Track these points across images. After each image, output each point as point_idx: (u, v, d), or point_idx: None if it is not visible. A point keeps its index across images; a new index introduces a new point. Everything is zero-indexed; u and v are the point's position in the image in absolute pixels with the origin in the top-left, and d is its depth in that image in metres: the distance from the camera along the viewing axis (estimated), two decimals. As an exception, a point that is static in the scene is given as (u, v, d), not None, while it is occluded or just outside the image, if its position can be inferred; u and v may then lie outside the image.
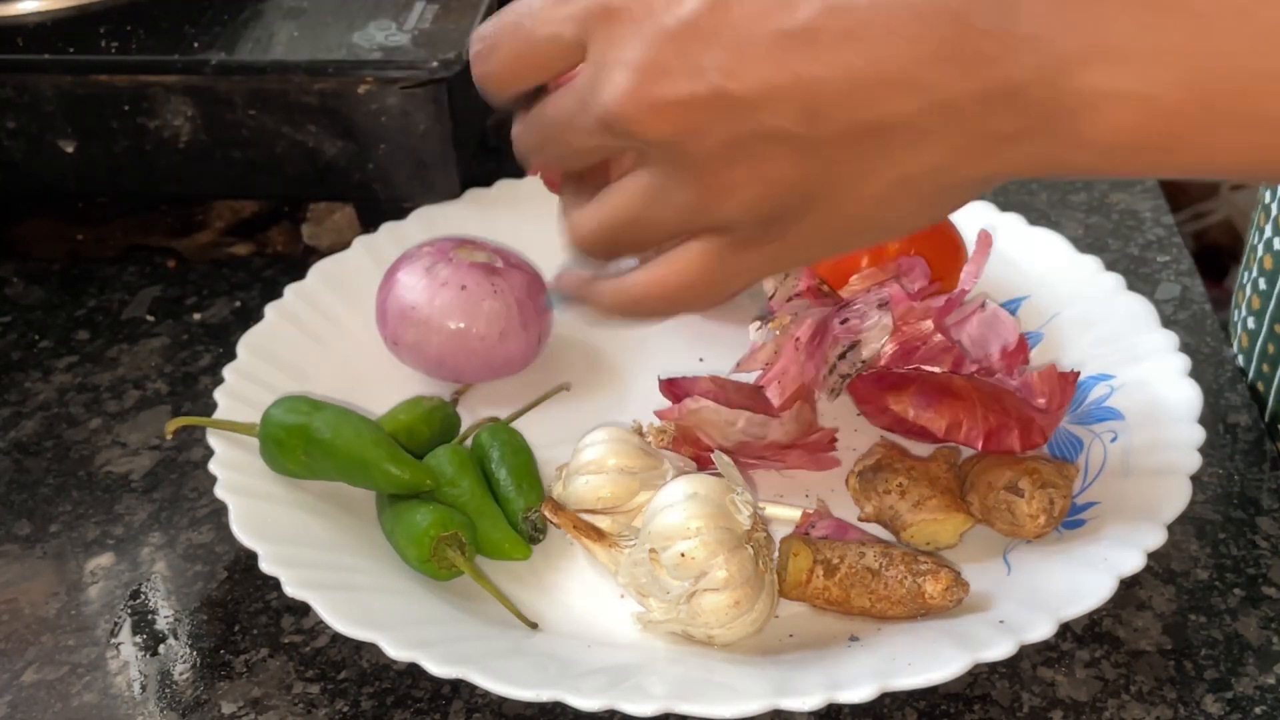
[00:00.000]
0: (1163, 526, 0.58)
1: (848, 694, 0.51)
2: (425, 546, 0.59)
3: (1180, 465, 0.60)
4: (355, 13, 0.80)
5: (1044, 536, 0.60)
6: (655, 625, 0.57)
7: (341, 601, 0.56)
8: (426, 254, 0.70)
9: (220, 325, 0.79)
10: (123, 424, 0.72)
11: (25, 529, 0.66)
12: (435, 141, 0.77)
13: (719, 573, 0.55)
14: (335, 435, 0.62)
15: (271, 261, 0.84)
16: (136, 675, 0.59)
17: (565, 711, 0.55)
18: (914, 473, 0.61)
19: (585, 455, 0.62)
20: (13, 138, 0.79)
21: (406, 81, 0.76)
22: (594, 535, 0.60)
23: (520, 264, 0.72)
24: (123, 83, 0.77)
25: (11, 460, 0.70)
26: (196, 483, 0.68)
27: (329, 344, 0.72)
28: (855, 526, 0.61)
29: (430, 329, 0.69)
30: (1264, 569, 0.62)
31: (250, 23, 0.80)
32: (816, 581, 0.57)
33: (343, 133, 0.77)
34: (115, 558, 0.65)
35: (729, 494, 0.57)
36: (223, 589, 0.63)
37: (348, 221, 0.86)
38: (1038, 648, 0.58)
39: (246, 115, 0.77)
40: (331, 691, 0.58)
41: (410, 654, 0.53)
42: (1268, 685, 0.57)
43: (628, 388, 0.71)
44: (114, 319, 0.80)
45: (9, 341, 0.79)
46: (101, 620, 0.61)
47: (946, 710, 0.56)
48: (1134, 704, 0.56)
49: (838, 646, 0.56)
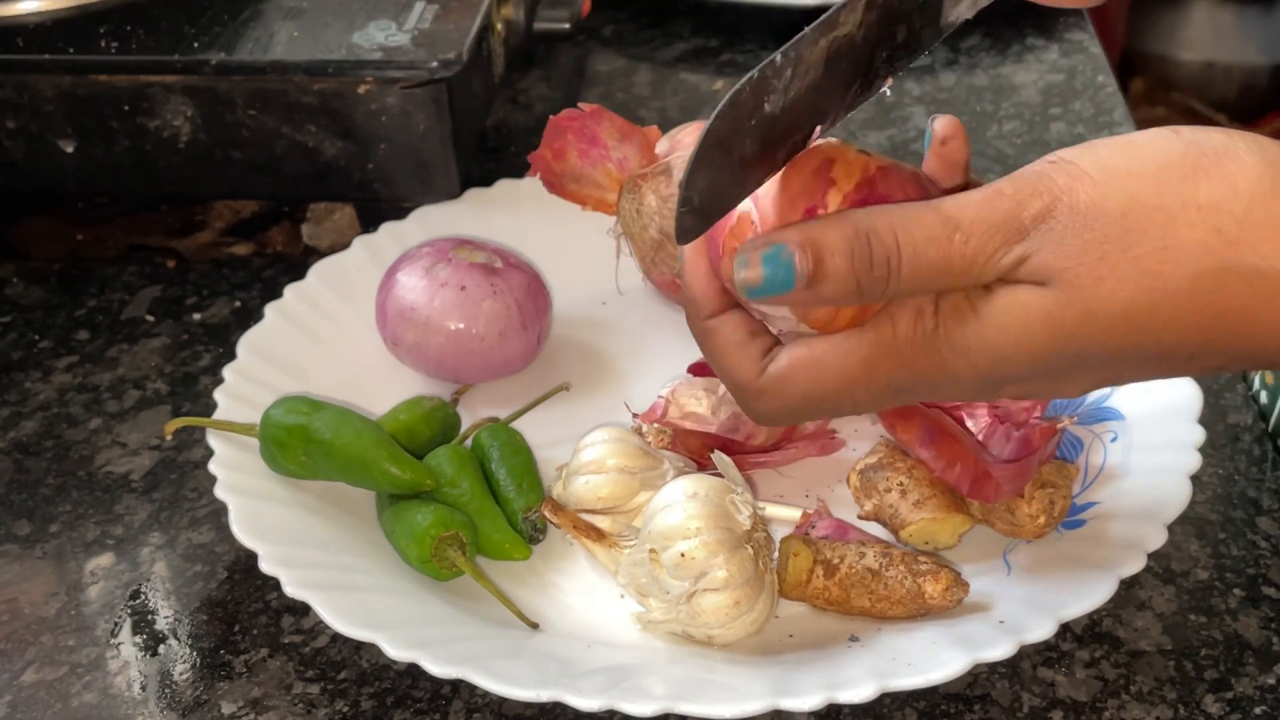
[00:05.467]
0: (1163, 526, 0.58)
1: (848, 694, 0.51)
2: (426, 546, 0.59)
3: (1180, 465, 0.60)
4: (355, 13, 0.80)
5: (1044, 536, 0.60)
6: (655, 625, 0.57)
7: (341, 601, 0.56)
8: (426, 254, 0.70)
9: (220, 325, 0.79)
10: (123, 424, 0.72)
11: (25, 529, 0.66)
12: (435, 141, 0.77)
13: (719, 573, 0.55)
14: (335, 435, 0.62)
15: (271, 261, 0.84)
16: (136, 675, 0.59)
17: (565, 711, 0.55)
18: (915, 473, 0.61)
19: (585, 455, 0.62)
20: (13, 138, 0.79)
21: (406, 81, 0.76)
22: (594, 535, 0.60)
23: (520, 264, 0.72)
24: (123, 83, 0.77)
25: (11, 460, 0.70)
26: (196, 483, 0.68)
27: (329, 344, 0.72)
28: (855, 527, 0.61)
29: (430, 329, 0.69)
30: (1264, 569, 0.62)
31: (250, 23, 0.80)
32: (816, 581, 0.57)
33: (343, 133, 0.77)
34: (115, 558, 0.65)
35: (729, 494, 0.57)
36: (223, 589, 0.63)
37: (348, 221, 0.86)
38: (1038, 648, 0.58)
39: (246, 115, 0.77)
40: (331, 691, 0.58)
41: (410, 654, 0.53)
42: (1268, 685, 0.57)
43: (628, 388, 0.71)
44: (114, 319, 0.80)
45: (9, 341, 0.79)
46: (101, 620, 0.61)
47: (946, 710, 0.56)
48: (1134, 704, 0.56)
49: (838, 646, 0.56)
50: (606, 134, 0.73)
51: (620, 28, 1.09)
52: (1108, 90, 0.99)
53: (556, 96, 1.01)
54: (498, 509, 0.63)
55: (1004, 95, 0.99)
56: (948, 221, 0.45)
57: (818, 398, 0.49)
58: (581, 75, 1.04)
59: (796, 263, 0.46)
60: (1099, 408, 0.66)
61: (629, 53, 1.06)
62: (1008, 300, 0.46)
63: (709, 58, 1.05)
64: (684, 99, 1.00)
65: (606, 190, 0.74)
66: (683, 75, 1.03)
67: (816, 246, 0.46)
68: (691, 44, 1.07)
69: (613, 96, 1.00)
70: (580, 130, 0.73)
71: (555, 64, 1.05)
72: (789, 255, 0.46)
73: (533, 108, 0.99)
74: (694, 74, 1.03)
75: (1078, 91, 0.99)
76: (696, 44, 1.06)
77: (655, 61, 1.05)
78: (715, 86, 1.01)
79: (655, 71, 1.04)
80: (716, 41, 1.06)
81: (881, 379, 0.48)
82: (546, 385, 0.71)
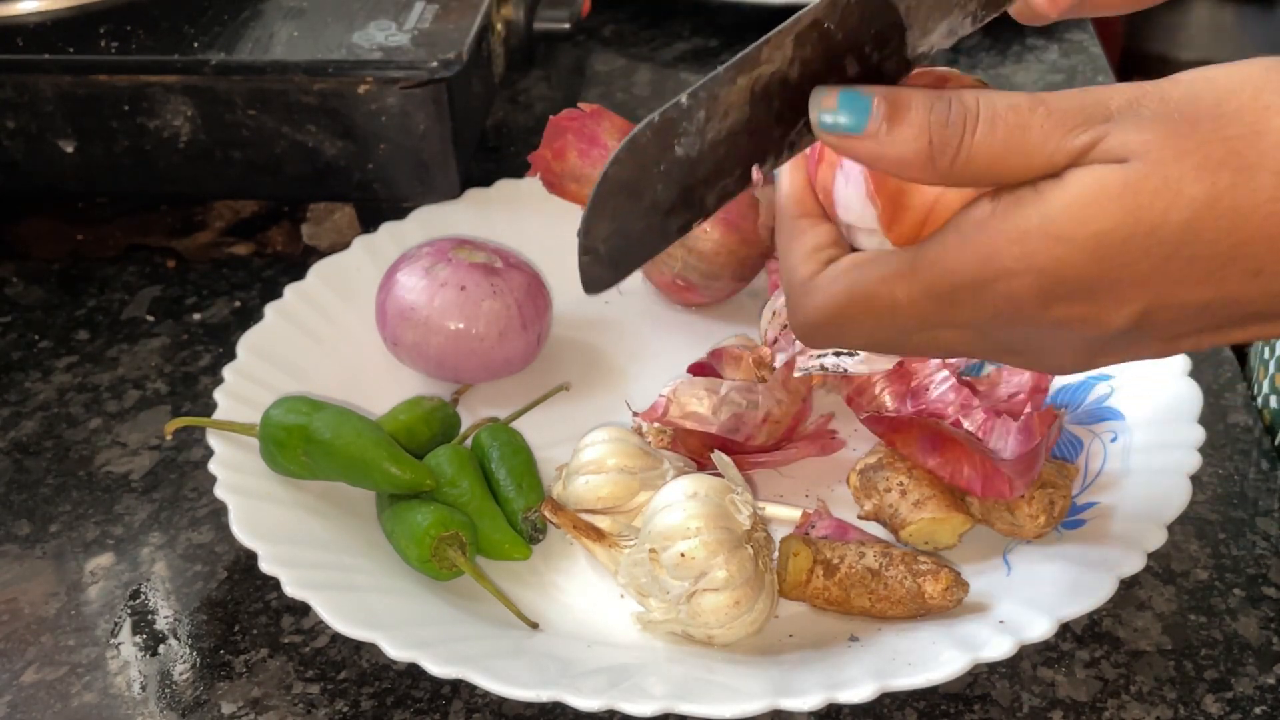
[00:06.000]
0: (1163, 526, 0.58)
1: (848, 694, 0.51)
2: (426, 546, 0.59)
3: (1180, 465, 0.60)
4: (355, 13, 0.80)
5: (1044, 536, 0.60)
6: (655, 625, 0.57)
7: (341, 601, 0.56)
8: (426, 254, 0.70)
9: (220, 325, 0.79)
10: (123, 424, 0.72)
11: (25, 529, 0.66)
12: (435, 141, 0.77)
13: (719, 573, 0.55)
14: (335, 435, 0.62)
15: (271, 261, 0.84)
16: (136, 675, 0.59)
17: (565, 711, 0.55)
18: (915, 473, 0.61)
19: (585, 455, 0.62)
20: (13, 138, 0.79)
21: (406, 81, 0.76)
22: (594, 535, 0.60)
23: (520, 264, 0.72)
24: (123, 83, 0.77)
25: (11, 460, 0.70)
26: (196, 483, 0.68)
27: (329, 344, 0.72)
28: (855, 527, 0.61)
29: (430, 329, 0.69)
30: (1264, 569, 0.62)
31: (250, 23, 0.80)
32: (816, 581, 0.57)
33: (343, 133, 0.77)
34: (115, 558, 0.65)
35: (729, 494, 0.57)
36: (223, 589, 0.63)
37: (348, 221, 0.86)
38: (1038, 648, 0.58)
39: (246, 115, 0.77)
40: (331, 691, 0.58)
41: (410, 654, 0.53)
42: (1268, 685, 0.57)
43: (628, 388, 0.71)
44: (114, 319, 0.80)
45: (9, 341, 0.79)
46: (101, 620, 0.61)
47: (946, 710, 0.56)
48: (1134, 704, 0.56)
49: (838, 646, 0.56)
50: (606, 134, 0.73)
51: (620, 28, 1.09)
52: (1108, 90, 0.99)
53: (556, 96, 1.01)
54: (498, 509, 0.63)
55: (1004, 95, 0.98)
56: (1033, 97, 0.43)
57: (863, 299, 0.46)
58: (581, 75, 1.04)
59: (874, 104, 0.43)
60: (1099, 407, 0.66)
61: (629, 53, 1.06)
62: (1078, 177, 0.42)
63: (709, 58, 1.05)
64: (684, 99, 1.00)
65: (606, 190, 0.74)
66: (683, 75, 1.03)
67: (896, 95, 0.43)
68: (691, 44, 1.07)
69: (613, 96, 1.00)
70: (580, 130, 0.73)
71: (555, 64, 1.05)
72: (868, 94, 0.44)
73: (533, 108, 0.99)
74: (694, 74, 1.03)
75: (1078, 91, 0.99)
76: (696, 44, 1.07)
77: (655, 61, 1.05)
78: (715, 86, 1.01)
79: (655, 71, 1.04)
80: (716, 41, 1.06)
81: (926, 281, 0.44)
82: (546, 385, 0.71)
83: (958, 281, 0.44)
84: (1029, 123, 0.42)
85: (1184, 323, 0.44)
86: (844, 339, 0.48)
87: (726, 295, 0.76)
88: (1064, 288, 0.43)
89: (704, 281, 0.74)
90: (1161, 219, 0.41)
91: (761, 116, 0.45)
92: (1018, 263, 0.42)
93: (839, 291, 0.46)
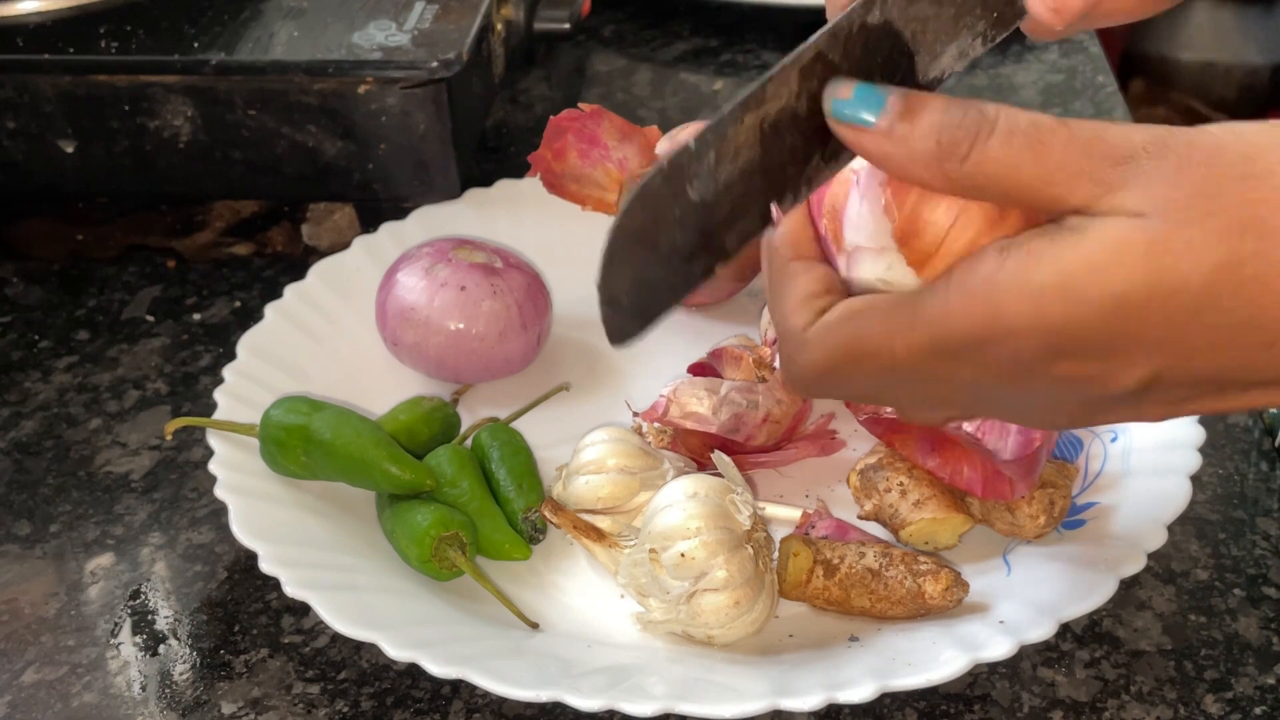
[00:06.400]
0: (1163, 527, 0.58)
1: (848, 694, 0.51)
2: (426, 546, 0.59)
3: (1180, 465, 0.60)
4: (355, 13, 0.80)
5: (1044, 536, 0.60)
6: (655, 625, 0.57)
7: (341, 601, 0.56)
8: (426, 254, 0.70)
9: (220, 325, 0.79)
10: (123, 424, 0.72)
11: (25, 529, 0.66)
12: (435, 141, 0.77)
13: (719, 573, 0.55)
14: (335, 435, 0.62)
15: (271, 261, 0.84)
16: (136, 675, 0.59)
17: (565, 711, 0.55)
18: (915, 473, 0.61)
19: (585, 455, 0.62)
20: (13, 138, 0.79)
21: (406, 81, 0.76)
22: (594, 535, 0.60)
23: (520, 264, 0.72)
24: (123, 83, 0.77)
25: (11, 460, 0.70)
26: (196, 483, 0.68)
27: (329, 344, 0.72)
28: (855, 527, 0.61)
29: (430, 329, 0.69)
30: (1264, 569, 0.62)
31: (250, 23, 0.80)
32: (816, 581, 0.57)
33: (343, 133, 0.77)
34: (115, 558, 0.65)
35: (729, 494, 0.57)
36: (223, 589, 0.63)
37: (348, 221, 0.86)
38: (1038, 648, 0.58)
39: (246, 115, 0.77)
40: (331, 692, 0.58)
41: (410, 654, 0.53)
42: (1268, 685, 0.57)
43: (628, 388, 0.71)
44: (114, 319, 0.80)
45: (9, 341, 0.79)
46: (101, 620, 0.61)
47: (946, 710, 0.56)
48: (1134, 704, 0.56)
49: (838, 646, 0.56)
50: (606, 134, 0.73)
51: (620, 28, 1.09)
52: (1108, 90, 0.99)
53: (556, 96, 1.01)
54: (498, 509, 0.63)
55: (1004, 95, 0.99)
56: (1059, 120, 0.41)
57: (859, 354, 0.44)
58: (581, 75, 1.04)
59: (890, 99, 0.42)
60: (1099, 408, 0.66)
61: (629, 53, 1.06)
62: (1098, 232, 0.40)
63: (709, 58, 1.05)
64: (684, 99, 1.00)
65: (606, 190, 0.74)
66: (683, 75, 1.03)
67: (914, 95, 0.42)
68: (691, 44, 1.07)
69: (613, 96, 1.00)
70: (580, 130, 0.73)
71: (555, 64, 1.05)
72: (885, 90, 0.43)
73: (533, 108, 0.99)
74: (694, 74, 1.03)
75: (1078, 91, 0.99)
76: (696, 44, 1.07)
77: (655, 61, 1.05)
78: (715, 87, 1.01)
79: (655, 71, 1.04)
80: (716, 41, 1.06)
81: (928, 337, 0.43)
82: (546, 385, 0.71)
83: (962, 339, 0.43)
84: (1050, 141, 0.41)
85: (1190, 387, 0.43)
86: (839, 393, 0.48)
87: (726, 295, 0.76)
88: (1075, 346, 0.41)
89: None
90: (1182, 283, 0.40)
91: (774, 154, 0.44)
92: (1028, 321, 0.41)
93: (835, 345, 0.45)
